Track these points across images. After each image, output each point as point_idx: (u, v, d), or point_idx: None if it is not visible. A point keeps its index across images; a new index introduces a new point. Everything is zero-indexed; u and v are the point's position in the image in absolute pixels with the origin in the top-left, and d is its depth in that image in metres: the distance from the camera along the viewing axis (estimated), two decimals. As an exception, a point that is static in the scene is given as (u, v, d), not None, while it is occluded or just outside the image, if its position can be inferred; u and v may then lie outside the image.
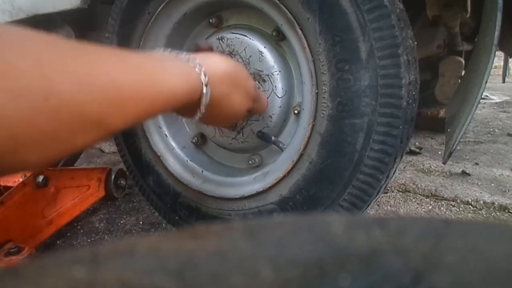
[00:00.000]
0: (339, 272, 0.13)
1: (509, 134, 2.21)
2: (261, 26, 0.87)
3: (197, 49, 0.70)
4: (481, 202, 1.32)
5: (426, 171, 1.64)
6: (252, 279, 0.13)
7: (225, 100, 0.62)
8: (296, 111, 0.84)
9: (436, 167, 1.67)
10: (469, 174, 1.57)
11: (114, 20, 0.96)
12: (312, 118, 0.76)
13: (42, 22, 1.36)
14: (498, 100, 3.41)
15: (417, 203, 1.33)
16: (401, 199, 1.36)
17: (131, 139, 1.02)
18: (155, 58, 0.49)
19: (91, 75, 0.36)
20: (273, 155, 0.91)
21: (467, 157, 1.80)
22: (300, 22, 0.73)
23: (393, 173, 0.78)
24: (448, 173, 1.60)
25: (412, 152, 1.87)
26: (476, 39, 1.42)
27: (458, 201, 1.34)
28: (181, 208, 0.97)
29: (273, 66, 0.82)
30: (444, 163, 0.88)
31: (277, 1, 0.74)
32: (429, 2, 1.15)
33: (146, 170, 1.01)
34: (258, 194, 0.85)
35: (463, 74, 1.53)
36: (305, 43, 0.73)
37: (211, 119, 0.64)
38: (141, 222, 1.22)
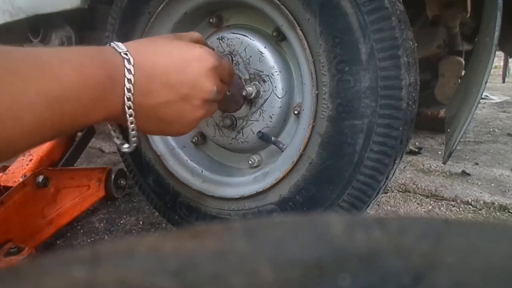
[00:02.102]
0: (339, 272, 0.13)
1: (509, 134, 2.21)
2: (261, 26, 0.87)
3: None
4: (481, 202, 1.32)
5: (426, 171, 1.64)
6: (252, 279, 0.13)
7: (164, 99, 0.53)
8: (296, 112, 0.84)
9: (436, 167, 1.67)
10: (469, 174, 1.57)
11: (114, 19, 0.96)
12: (312, 119, 0.76)
13: (42, 22, 1.37)
14: (498, 100, 3.41)
15: (417, 203, 1.33)
16: (401, 199, 1.36)
17: (131, 139, 1.02)
18: (60, 51, 0.46)
19: None
20: (273, 156, 0.91)
21: (467, 157, 1.80)
22: (301, 23, 0.73)
23: (393, 174, 0.78)
24: (448, 173, 1.60)
25: (412, 152, 1.87)
26: (476, 39, 1.42)
27: (458, 201, 1.34)
28: (181, 207, 0.97)
29: (273, 67, 0.82)
30: (444, 163, 0.88)
31: (278, 2, 0.74)
32: (429, 2, 1.15)
33: (146, 170, 1.01)
34: (257, 194, 0.85)
35: (463, 74, 1.53)
36: (306, 44, 0.73)
37: (149, 124, 0.55)
38: (141, 222, 1.22)
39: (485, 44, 0.84)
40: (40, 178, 1.03)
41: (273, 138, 0.86)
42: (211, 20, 0.93)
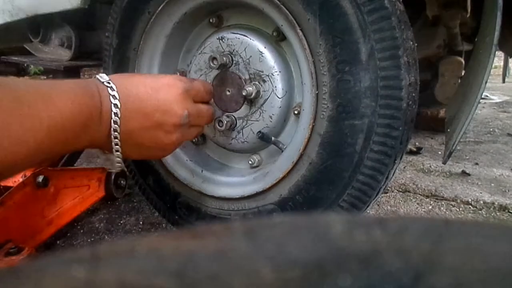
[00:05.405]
0: (339, 272, 0.13)
1: (509, 134, 2.21)
2: (261, 26, 0.87)
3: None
4: (481, 202, 1.32)
5: (426, 171, 1.64)
6: (252, 279, 0.13)
7: (143, 128, 0.59)
8: (296, 112, 0.84)
9: (436, 167, 1.66)
10: (469, 174, 1.57)
11: (114, 19, 0.96)
12: (312, 119, 0.76)
13: (42, 22, 1.37)
14: (498, 100, 3.41)
15: (417, 203, 1.33)
16: (401, 199, 1.36)
17: (131, 139, 1.02)
18: (53, 83, 0.52)
19: None
20: (273, 156, 0.91)
21: (467, 157, 1.80)
22: (301, 23, 0.73)
23: (393, 174, 0.78)
24: (448, 173, 1.60)
25: (412, 152, 1.87)
26: (476, 39, 1.42)
27: (458, 201, 1.34)
28: (181, 207, 0.97)
29: (273, 67, 0.82)
30: (444, 163, 0.88)
31: (278, 2, 0.74)
32: (429, 2, 1.15)
33: (146, 170, 1.01)
34: (257, 194, 0.85)
35: (463, 74, 1.53)
36: (306, 44, 0.73)
37: (128, 148, 0.61)
38: (141, 222, 1.22)
39: (485, 44, 0.84)
40: (40, 178, 1.03)
41: (273, 138, 0.86)
42: (211, 20, 0.93)
